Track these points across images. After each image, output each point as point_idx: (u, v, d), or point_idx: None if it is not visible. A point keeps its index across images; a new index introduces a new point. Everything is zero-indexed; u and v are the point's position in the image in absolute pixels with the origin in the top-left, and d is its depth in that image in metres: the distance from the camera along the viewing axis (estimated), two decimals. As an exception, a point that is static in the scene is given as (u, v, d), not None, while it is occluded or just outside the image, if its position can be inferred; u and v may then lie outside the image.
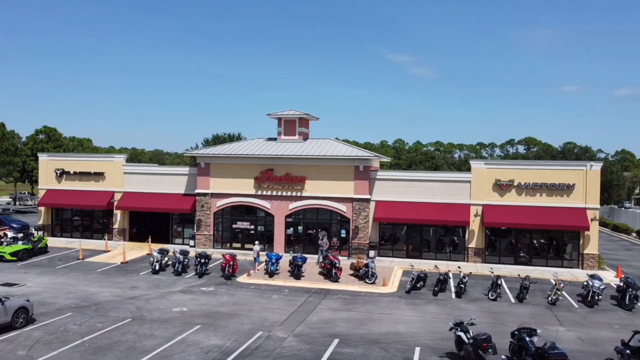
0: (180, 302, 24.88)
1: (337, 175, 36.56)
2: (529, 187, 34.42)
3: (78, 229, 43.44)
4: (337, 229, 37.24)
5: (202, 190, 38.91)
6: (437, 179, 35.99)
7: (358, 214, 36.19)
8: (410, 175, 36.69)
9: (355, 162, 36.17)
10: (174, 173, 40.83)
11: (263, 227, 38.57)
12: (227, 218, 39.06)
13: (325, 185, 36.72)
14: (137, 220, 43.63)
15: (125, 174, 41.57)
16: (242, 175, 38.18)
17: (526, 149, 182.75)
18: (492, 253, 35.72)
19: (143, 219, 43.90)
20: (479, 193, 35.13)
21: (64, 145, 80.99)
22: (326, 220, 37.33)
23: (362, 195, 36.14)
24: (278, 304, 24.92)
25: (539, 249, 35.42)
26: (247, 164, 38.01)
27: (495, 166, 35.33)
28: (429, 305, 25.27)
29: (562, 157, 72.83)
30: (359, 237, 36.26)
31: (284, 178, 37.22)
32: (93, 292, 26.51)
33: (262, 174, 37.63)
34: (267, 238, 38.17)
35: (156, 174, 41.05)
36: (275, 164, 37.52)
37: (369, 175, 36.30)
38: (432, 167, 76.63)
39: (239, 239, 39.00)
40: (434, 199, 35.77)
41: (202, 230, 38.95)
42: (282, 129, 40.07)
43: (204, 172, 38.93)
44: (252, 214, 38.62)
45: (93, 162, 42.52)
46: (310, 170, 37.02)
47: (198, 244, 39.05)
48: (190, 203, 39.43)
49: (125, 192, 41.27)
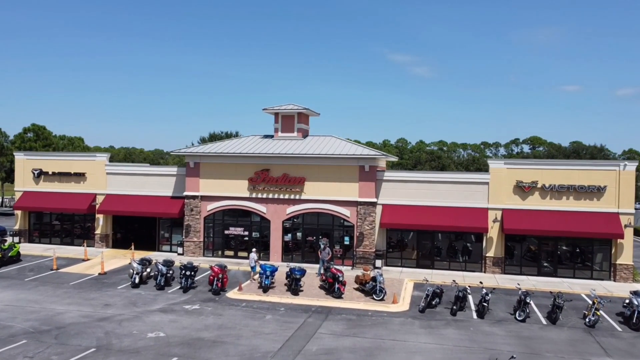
0: (158, 324, 21.31)
1: (340, 176, 32.99)
2: (555, 189, 30.81)
3: (58, 234, 39.90)
4: (339, 236, 33.68)
5: (191, 192, 35.35)
6: (451, 180, 32.38)
7: (363, 219, 32.62)
8: (420, 176, 33.09)
9: (361, 161, 32.59)
10: (160, 173, 37.27)
11: (258, 234, 34.99)
12: (219, 223, 35.50)
13: (327, 187, 33.15)
14: (123, 225, 40.12)
15: (108, 175, 38.02)
16: (235, 176, 34.63)
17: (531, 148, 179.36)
18: (511, 262, 32.11)
19: (128, 224, 40.39)
20: (498, 196, 31.53)
21: (53, 144, 77.43)
22: (328, 226, 33.76)
23: (368, 199, 32.56)
24: (272, 327, 21.35)
25: (564, 258, 31.81)
26: (241, 164, 34.45)
27: (516, 166, 31.71)
28: (447, 328, 21.68)
29: (576, 156, 69.11)
30: (364, 244, 32.69)
31: (281, 179, 33.65)
32: (59, 311, 22.96)
33: (257, 174, 34.06)
34: (262, 245, 34.62)
35: (141, 174, 37.49)
36: (272, 164, 33.96)
37: (376, 176, 32.72)
38: (439, 166, 72.97)
39: (232, 246, 35.43)
40: (448, 202, 32.20)
41: (191, 236, 35.40)
42: (280, 125, 36.52)
43: (193, 172, 35.38)
44: (246, 219, 35.05)
45: (73, 161, 38.96)
46: (310, 170, 33.45)
47: (187, 252, 35.50)
48: (178, 206, 35.89)
49: (108, 194, 37.73)
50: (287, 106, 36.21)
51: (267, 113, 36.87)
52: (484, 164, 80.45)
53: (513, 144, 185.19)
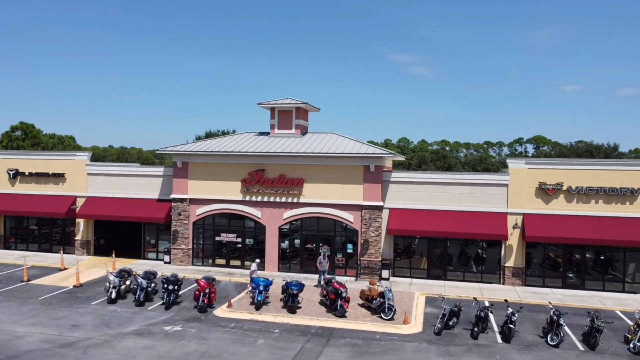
0: (131, 352, 18.14)
1: (343, 177, 29.81)
2: (582, 192, 27.63)
3: (36, 240, 36.71)
4: (342, 243, 30.49)
5: (178, 195, 32.17)
6: (467, 182, 29.18)
7: (368, 225, 29.43)
8: (432, 177, 29.87)
9: (365, 161, 29.40)
10: (146, 174, 34.06)
11: (252, 240, 31.80)
12: (209, 229, 32.30)
13: (328, 190, 29.98)
14: (107, 229, 36.97)
15: (90, 176, 34.83)
16: (226, 177, 31.44)
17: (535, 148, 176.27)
18: (532, 273, 28.93)
19: (113, 229, 37.23)
20: (519, 199, 28.35)
21: (42, 143, 74.36)
22: (329, 232, 30.58)
23: (374, 202, 29.36)
24: (264, 354, 18.17)
25: (591, 268, 28.62)
26: (233, 164, 31.26)
27: (539, 166, 28.49)
28: (470, 355, 18.49)
29: (588, 155, 65.83)
30: (369, 253, 29.50)
31: (277, 180, 30.47)
32: (18, 334, 19.79)
33: (251, 175, 30.88)
34: (257, 253, 31.44)
35: (125, 175, 34.29)
36: (267, 163, 30.78)
37: (382, 177, 29.54)
38: (444, 166, 69.77)
39: (224, 254, 32.23)
40: (462, 206, 29.02)
41: (179, 243, 32.21)
42: (276, 121, 33.33)
43: (180, 173, 32.20)
44: (239, 224, 31.85)
45: (51, 160, 35.76)
46: (309, 170, 30.28)
47: (174, 260, 32.31)
48: (165, 210, 32.70)
49: (89, 196, 34.56)
50: (284, 100, 33.04)
51: (263, 108, 33.69)
52: (491, 163, 77.29)
53: (517, 143, 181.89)
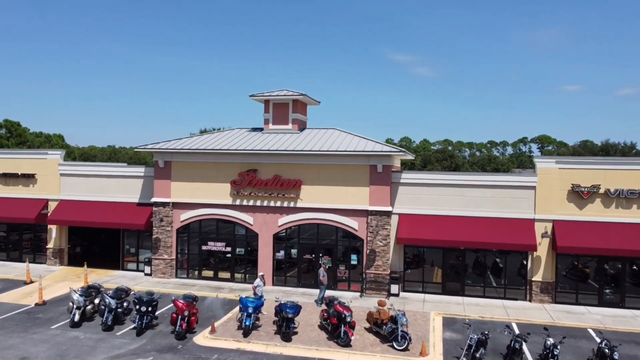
0: (82, 398, 14.50)
1: (346, 178, 26.17)
2: (622, 195, 23.99)
3: (4, 248, 33.02)
4: (344, 253, 26.86)
5: (160, 198, 28.51)
6: (488, 184, 25.50)
7: (375, 233, 25.77)
8: (448, 178, 26.20)
9: (372, 159, 25.76)
10: (125, 175, 30.38)
11: (243, 250, 28.13)
12: (195, 236, 28.66)
13: (329, 193, 26.34)
14: (83, 236, 33.32)
15: (63, 177, 31.19)
16: (214, 178, 27.81)
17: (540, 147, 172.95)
18: (564, 288, 25.26)
19: (89, 236, 33.58)
20: (548, 204, 24.70)
21: (28, 142, 70.85)
22: (330, 241, 26.94)
23: (381, 207, 25.71)
24: (249, 401, 14.53)
25: (630, 283, 24.96)
26: (222, 163, 27.62)
27: (571, 165, 24.82)
28: (506, 402, 14.85)
29: (604, 154, 62.16)
30: (376, 265, 25.85)
31: (271, 182, 26.82)
32: (-50, 371, 16.18)
33: (242, 176, 27.24)
34: (249, 264, 27.82)
35: (102, 175, 30.62)
36: (260, 163, 27.13)
37: (391, 179, 25.90)
38: (451, 166, 66.10)
39: (211, 265, 28.58)
40: (482, 211, 25.38)
41: (161, 252, 28.55)
42: (271, 115, 29.68)
43: (162, 173, 28.56)
44: (229, 232, 28.21)
45: (21, 160, 32.09)
46: (308, 171, 26.64)
47: (155, 272, 28.66)
48: (145, 215, 29.05)
49: (62, 200, 30.93)
50: (280, 92, 29.39)
51: (255, 100, 30.04)
52: (501, 163, 73.55)
53: (521, 143, 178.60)
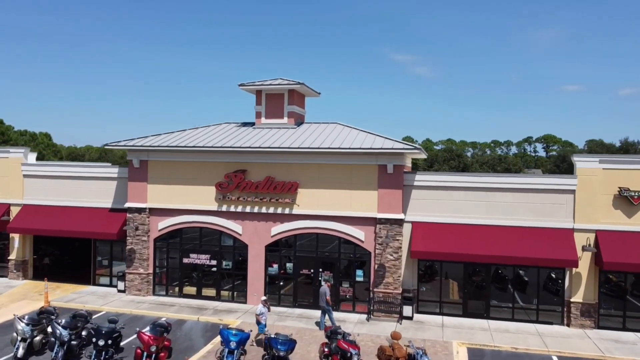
0: None
1: (351, 180, 22.32)
2: (680, 201, 20.17)
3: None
4: (348, 268, 23.00)
5: (135, 203, 24.67)
6: (518, 187, 21.62)
7: (385, 245, 21.92)
8: (470, 181, 22.31)
9: (381, 158, 21.90)
10: (97, 176, 26.52)
11: (231, 263, 24.28)
12: (175, 248, 24.80)
13: (331, 197, 22.49)
14: (54, 245, 29.49)
15: (26, 178, 27.37)
16: (197, 180, 23.98)
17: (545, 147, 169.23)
18: (609, 312, 21.39)
19: (60, 245, 29.73)
20: (590, 211, 20.85)
21: (11, 140, 67.09)
22: (332, 254, 23.09)
23: (392, 214, 21.85)
24: None
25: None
26: (206, 163, 23.80)
27: (618, 165, 20.93)
28: None
29: (624, 153, 58.32)
30: (386, 282, 21.99)
31: (263, 185, 22.97)
32: None
33: (229, 178, 23.39)
34: (238, 279, 24.00)
35: (71, 177, 26.79)
36: (250, 162, 23.29)
37: (403, 181, 22.04)
38: (459, 166, 62.30)
39: (194, 281, 24.74)
40: (511, 219, 21.54)
41: (136, 266, 24.71)
42: (263, 107, 25.85)
43: (138, 175, 24.72)
44: (214, 242, 24.36)
45: (-20, 159, 28.31)
46: (306, 172, 22.80)
47: (130, 289, 24.81)
48: (119, 223, 25.22)
49: (25, 205, 27.11)
50: (274, 81, 25.55)
51: (245, 91, 26.20)
52: (513, 163, 69.63)
53: (526, 142, 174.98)
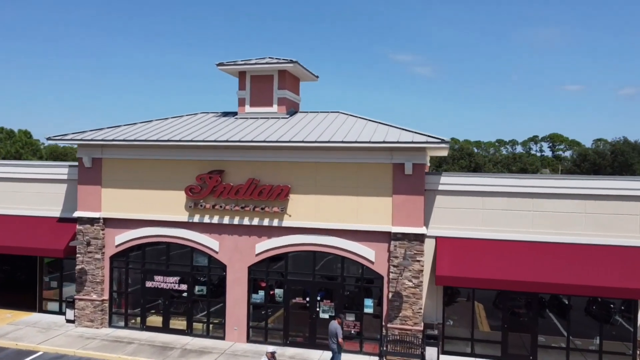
0: None
1: (357, 183, 17.37)
2: None
3: None
4: (354, 297, 18.05)
5: (86, 212, 19.71)
6: (576, 192, 16.70)
7: (402, 268, 16.97)
8: (511, 184, 17.34)
9: (397, 154, 16.94)
10: (43, 178, 21.53)
11: (204, 288, 19.31)
12: (137, 268, 19.84)
13: (331, 206, 17.52)
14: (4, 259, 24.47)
15: (-40, 180, 22.45)
16: (164, 183, 19.02)
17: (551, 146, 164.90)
18: (692, 353, 16.50)
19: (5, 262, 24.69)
20: (673, 224, 15.96)
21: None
22: (332, 278, 18.14)
23: (411, 227, 16.88)
24: None
25: None
26: (175, 161, 18.86)
27: None
28: None
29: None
30: (403, 316, 17.04)
31: (245, 189, 17.98)
32: None
33: (202, 180, 18.41)
34: (213, 306, 19.06)
35: (10, 179, 21.86)
36: (229, 161, 18.33)
37: (424, 184, 17.10)
38: (471, 166, 57.42)
39: (160, 309, 19.75)
40: (564, 234, 16.62)
41: (88, 290, 19.75)
42: (248, 93, 20.90)
43: (89, 176, 19.77)
44: (185, 262, 19.40)
45: None
46: (300, 172, 17.83)
47: (80, 318, 19.84)
48: (68, 236, 20.27)
49: (-43, 213, 22.18)
50: (261, 60, 20.62)
51: (225, 72, 21.21)
52: (529, 163, 64.66)
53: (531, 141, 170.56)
